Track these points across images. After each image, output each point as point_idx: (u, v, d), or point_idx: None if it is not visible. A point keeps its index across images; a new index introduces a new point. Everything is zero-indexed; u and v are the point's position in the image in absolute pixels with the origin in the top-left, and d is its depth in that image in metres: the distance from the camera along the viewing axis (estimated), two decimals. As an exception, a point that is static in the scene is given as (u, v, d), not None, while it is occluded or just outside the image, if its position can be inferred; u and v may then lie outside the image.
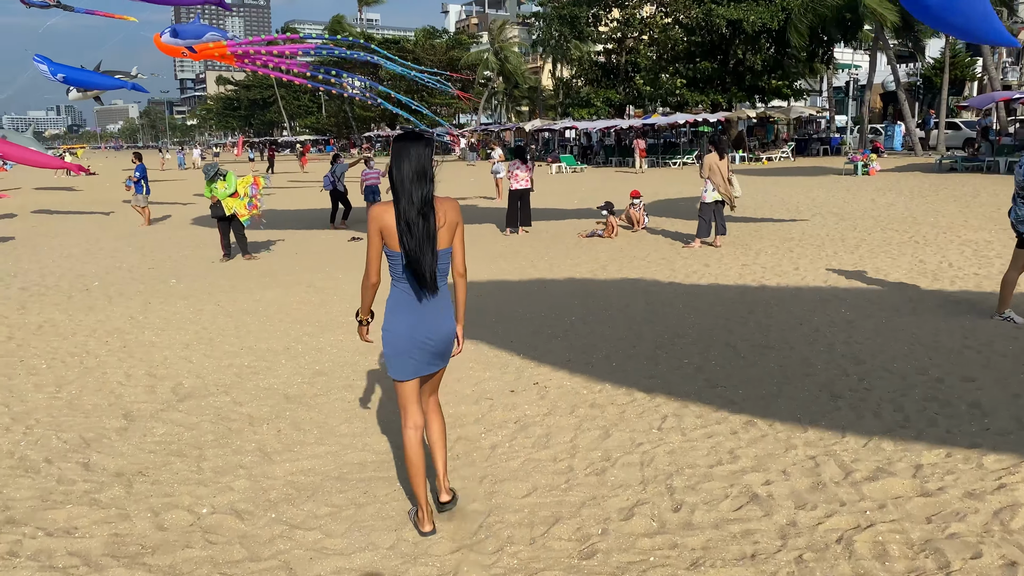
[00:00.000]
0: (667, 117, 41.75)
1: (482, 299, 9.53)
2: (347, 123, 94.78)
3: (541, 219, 17.77)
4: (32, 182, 40.37)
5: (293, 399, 6.03)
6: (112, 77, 26.13)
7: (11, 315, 9.51)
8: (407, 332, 3.76)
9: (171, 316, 9.19)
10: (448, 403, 5.84)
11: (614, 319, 8.30)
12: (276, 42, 17.19)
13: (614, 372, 6.45)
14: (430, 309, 3.77)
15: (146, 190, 19.97)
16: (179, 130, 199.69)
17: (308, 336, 7.99)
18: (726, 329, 7.69)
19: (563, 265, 11.80)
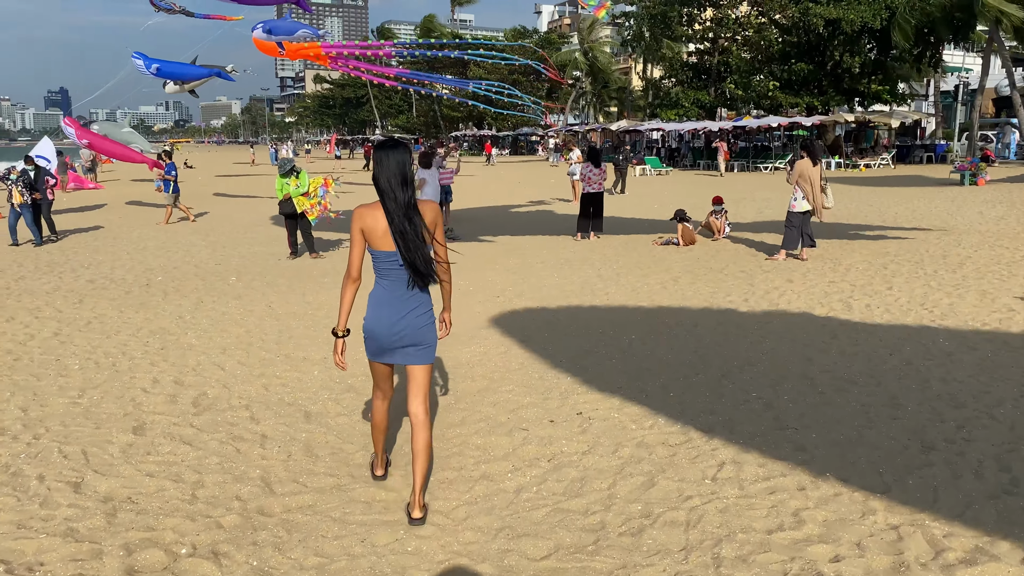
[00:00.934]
0: (759, 120, 40.15)
1: (537, 311, 8.92)
2: (435, 122, 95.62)
3: (616, 224, 17.02)
4: (132, 174, 41.85)
5: (313, 418, 5.56)
6: (202, 67, 26.65)
7: (67, 309, 9.44)
8: (386, 324, 3.98)
9: (219, 317, 8.93)
10: (479, 432, 5.27)
11: (678, 340, 7.56)
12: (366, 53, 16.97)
13: (670, 404, 5.75)
14: (408, 304, 3.98)
15: (173, 189, 19.97)
16: (278, 127, 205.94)
17: (349, 345, 7.53)
18: (804, 357, 6.85)
19: (631, 275, 11.07)
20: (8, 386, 6.37)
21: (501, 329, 8.09)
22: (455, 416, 5.57)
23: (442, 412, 5.66)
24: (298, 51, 17.99)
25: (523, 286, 10.47)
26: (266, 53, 19.13)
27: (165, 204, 20.21)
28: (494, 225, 18.36)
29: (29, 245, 15.78)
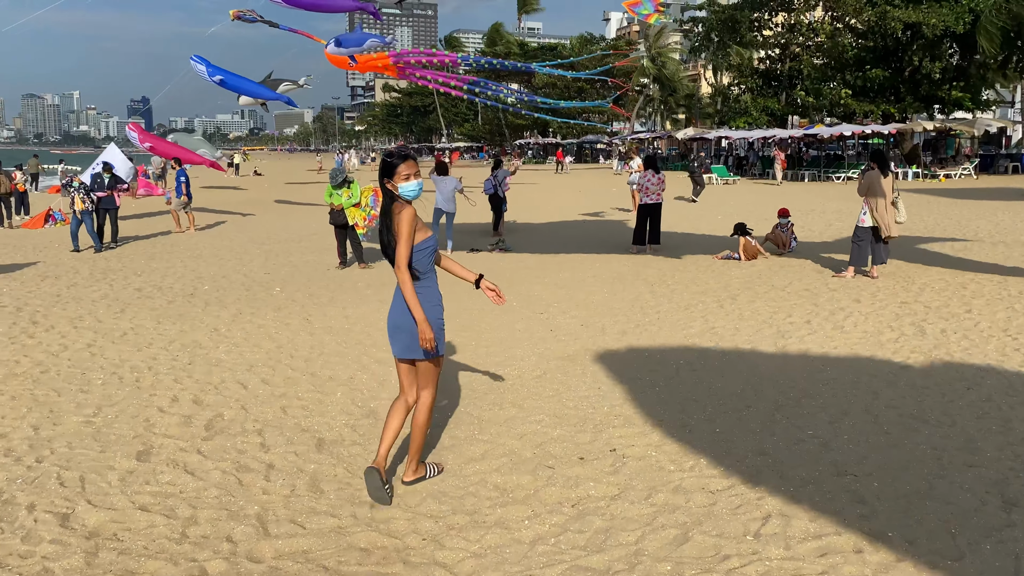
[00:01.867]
0: (831, 128, 38.74)
1: (580, 330, 8.43)
2: (500, 130, 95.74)
3: (675, 237, 16.40)
4: (202, 180, 42.77)
5: (326, 447, 5.20)
6: (265, 87, 26.98)
7: (107, 319, 9.36)
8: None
9: (254, 330, 8.71)
10: (500, 469, 4.83)
11: (730, 366, 6.99)
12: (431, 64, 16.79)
13: (715, 442, 5.21)
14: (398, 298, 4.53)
15: (186, 195, 19.97)
16: (348, 135, 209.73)
17: (378, 364, 7.20)
18: (869, 390, 6.22)
19: (686, 292, 10.48)
20: (28, 402, 6.20)
21: (539, 350, 7.64)
22: (477, 449, 5.15)
23: (463, 444, 5.24)
24: (368, 63, 17.91)
25: (570, 302, 10.00)
26: (338, 66, 19.17)
27: (177, 210, 20.25)
28: (548, 236, 17.92)
29: (90, 251, 16.00)
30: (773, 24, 45.98)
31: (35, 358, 7.58)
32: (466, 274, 4.87)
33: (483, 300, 10.17)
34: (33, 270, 13.60)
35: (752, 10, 45.32)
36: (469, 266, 12.06)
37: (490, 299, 4.81)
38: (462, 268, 4.88)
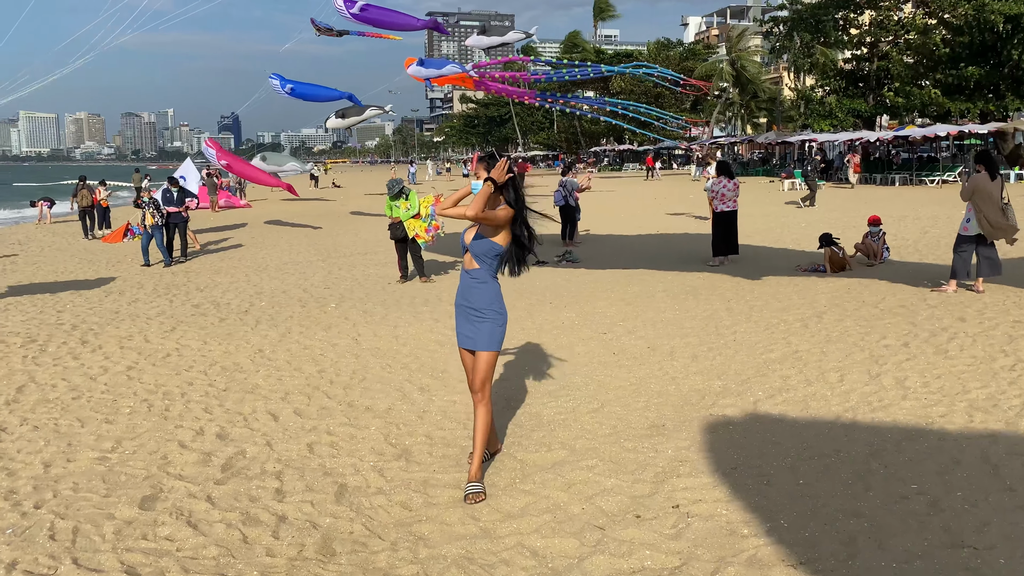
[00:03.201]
0: (923, 129, 36.61)
1: (646, 353, 7.67)
2: (576, 138, 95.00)
3: (756, 248, 15.39)
4: (283, 193, 43.33)
5: (347, 495, 4.60)
6: (332, 89, 27.05)
7: (155, 339, 9.07)
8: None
9: (299, 351, 8.25)
10: (541, 529, 4.14)
11: (817, 399, 6.12)
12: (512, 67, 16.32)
13: (798, 497, 4.40)
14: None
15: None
16: (426, 146, 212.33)
17: (420, 392, 6.61)
18: (985, 431, 5.28)
19: (767, 310, 9.58)
20: (49, 433, 5.84)
21: (599, 378, 6.92)
22: (516, 503, 4.47)
23: (501, 495, 4.57)
24: (445, 77, 17.57)
25: (636, 320, 9.23)
26: (417, 79, 18.91)
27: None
28: (619, 247, 17.13)
29: (160, 266, 16.03)
30: (859, 22, 43.92)
31: (72, 382, 7.28)
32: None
33: (543, 319, 9.56)
34: (101, 286, 13.60)
35: (837, 8, 43.40)
36: (535, 280, 11.45)
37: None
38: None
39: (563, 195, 16.78)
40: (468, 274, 4.75)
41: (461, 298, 4.80)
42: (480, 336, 4.71)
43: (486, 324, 4.72)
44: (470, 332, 4.75)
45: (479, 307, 4.71)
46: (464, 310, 4.77)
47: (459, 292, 4.82)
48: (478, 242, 4.66)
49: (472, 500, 4.46)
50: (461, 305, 4.80)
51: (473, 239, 4.67)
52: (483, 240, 4.65)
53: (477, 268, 4.70)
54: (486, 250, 4.67)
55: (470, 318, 4.74)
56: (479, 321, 4.71)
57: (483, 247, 4.66)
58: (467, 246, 4.72)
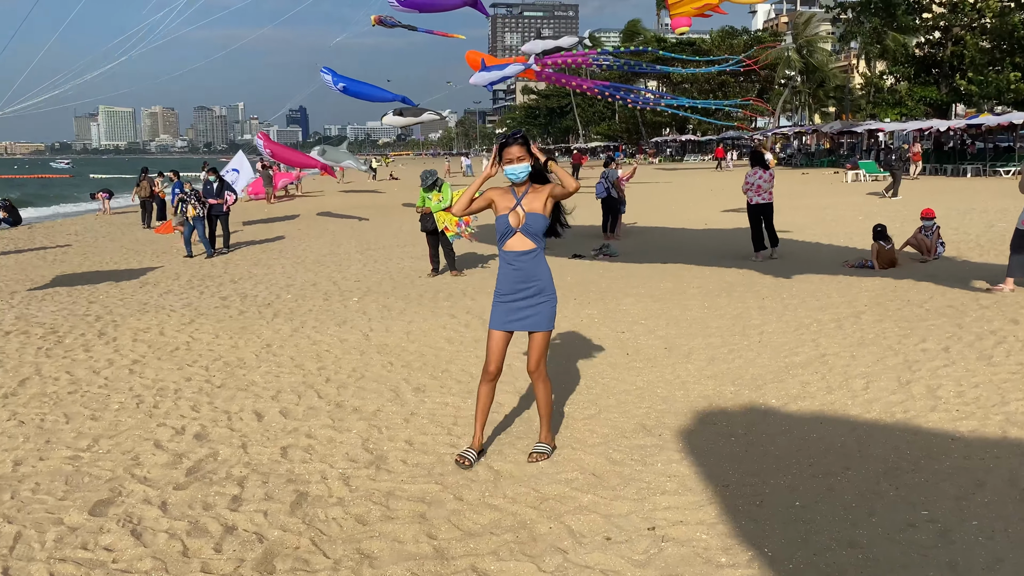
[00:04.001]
0: (999, 117, 34.78)
1: (660, 354, 7.23)
2: (637, 129, 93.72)
3: (804, 242, 14.71)
4: (340, 185, 43.78)
5: (303, 506, 4.33)
6: (384, 90, 27.08)
7: (170, 332, 9.01)
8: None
9: (307, 347, 8.06)
10: (499, 550, 3.81)
11: (834, 409, 5.63)
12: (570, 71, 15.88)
13: (790, 521, 3.96)
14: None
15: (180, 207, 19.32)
16: (488, 138, 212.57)
17: (414, 392, 6.33)
18: (1018, 450, 4.73)
19: (802, 308, 9.01)
20: (32, 429, 5.74)
21: (604, 381, 6.53)
22: (480, 519, 4.13)
23: (466, 511, 4.24)
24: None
25: (660, 318, 8.78)
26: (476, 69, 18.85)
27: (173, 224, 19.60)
28: (662, 240, 16.59)
29: (202, 257, 16.17)
30: (932, 6, 41.99)
31: (75, 375, 7.22)
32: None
33: (562, 316, 9.14)
34: (140, 276, 13.74)
35: (909, -9, 41.62)
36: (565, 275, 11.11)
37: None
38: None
39: (605, 187, 16.34)
40: (522, 256, 4.66)
41: (516, 283, 4.68)
42: (542, 316, 4.73)
43: (547, 304, 4.74)
44: (528, 313, 4.70)
45: (542, 287, 4.72)
46: (519, 293, 4.68)
47: (512, 279, 4.69)
48: (536, 218, 4.65)
49: (535, 459, 4.78)
50: (517, 289, 4.69)
51: (528, 217, 4.63)
52: (539, 216, 4.66)
53: (533, 248, 4.68)
54: (542, 226, 4.69)
55: (529, 301, 4.69)
56: (540, 302, 4.71)
57: (540, 223, 4.67)
58: (516, 228, 4.64)
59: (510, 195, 4.75)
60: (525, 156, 4.66)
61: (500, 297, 4.77)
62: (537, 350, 4.78)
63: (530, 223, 4.64)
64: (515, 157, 4.65)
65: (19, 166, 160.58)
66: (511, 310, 4.72)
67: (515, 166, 4.65)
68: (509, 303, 4.72)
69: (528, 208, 4.67)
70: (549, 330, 4.79)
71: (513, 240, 4.68)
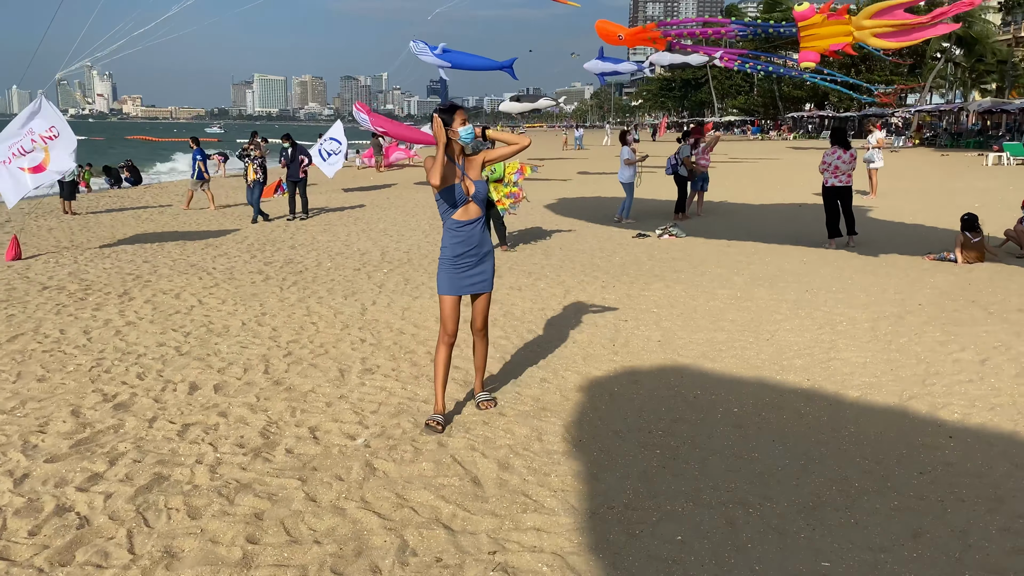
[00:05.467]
0: None
1: (652, 347, 6.54)
2: (775, 103, 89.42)
3: (899, 225, 13.31)
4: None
5: (152, 495, 4.04)
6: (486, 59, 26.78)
7: (187, 294, 9.04)
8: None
9: (298, 318, 7.86)
10: (306, 565, 3.39)
11: (802, 421, 4.84)
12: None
13: (657, 560, 3.33)
14: None
15: (198, 175, 19.24)
16: (623, 110, 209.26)
17: (360, 375, 5.96)
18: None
19: (844, 304, 8.01)
20: (-20, 385, 5.80)
21: (565, 374, 5.93)
22: (318, 524, 3.71)
23: (307, 515, 3.83)
24: (637, 37, 16.81)
25: (677, 307, 8.03)
26: (607, 40, 18.32)
27: (191, 188, 19.77)
28: (741, 220, 15.49)
29: (279, 221, 16.46)
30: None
31: (67, 333, 7.31)
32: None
33: (576, 298, 8.53)
34: (212, 238, 14.09)
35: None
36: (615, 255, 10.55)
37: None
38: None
39: (673, 163, 15.39)
40: (473, 223, 4.83)
41: (468, 246, 4.83)
42: (488, 279, 4.97)
43: (490, 266, 4.97)
44: (480, 277, 4.91)
45: (488, 251, 4.95)
46: (470, 258, 4.84)
47: (462, 243, 4.82)
48: (480, 184, 4.82)
49: (486, 406, 5.15)
50: (467, 255, 4.83)
51: (476, 184, 4.79)
52: (482, 183, 4.84)
53: (480, 215, 4.85)
54: (486, 192, 4.90)
55: (478, 266, 4.88)
56: (486, 264, 4.93)
57: (484, 189, 4.86)
58: (469, 196, 4.77)
59: (452, 165, 4.79)
60: (467, 119, 4.76)
61: (450, 263, 4.86)
62: (483, 310, 5.05)
63: (479, 190, 4.81)
64: (465, 119, 4.74)
65: (178, 130, 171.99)
66: (461, 276, 4.86)
67: (468, 127, 4.71)
68: (460, 271, 4.85)
69: (472, 176, 4.81)
70: (492, 289, 5.08)
71: (463, 209, 4.79)
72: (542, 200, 19.60)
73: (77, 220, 17.14)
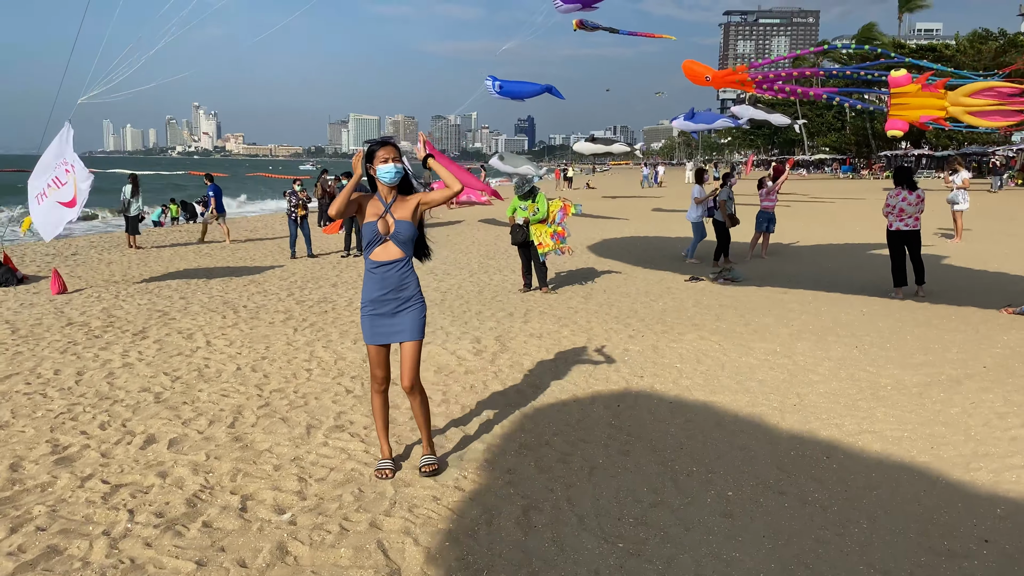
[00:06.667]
0: None
1: (651, 415, 5.83)
2: (867, 141, 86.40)
3: (983, 276, 12.13)
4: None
5: (26, 574, 3.63)
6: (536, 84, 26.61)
7: (200, 333, 8.80)
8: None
9: (297, 363, 7.46)
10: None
11: (864, 548, 4.07)
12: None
13: None
14: None
15: (217, 207, 20.02)
16: (711, 148, 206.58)
17: (328, 432, 5.46)
18: None
19: (894, 364, 7.09)
20: (-60, 430, 5.56)
21: (513, 431, 5.30)
22: None
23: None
24: (725, 79, 16.43)
25: (705, 363, 7.27)
26: (694, 81, 18.01)
27: (206, 222, 21.04)
28: (809, 264, 14.48)
29: (334, 257, 16.36)
30: None
31: (61, 374, 7.10)
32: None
33: (598, 348, 7.88)
34: (258, 273, 14.05)
35: None
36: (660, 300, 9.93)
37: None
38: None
39: (711, 206, 14.49)
40: (389, 265, 4.49)
41: (382, 291, 4.50)
42: (413, 326, 4.56)
43: (414, 312, 4.58)
44: (400, 325, 4.54)
45: (409, 295, 4.57)
46: (387, 303, 4.52)
47: (377, 289, 4.51)
48: (405, 225, 4.49)
49: (428, 470, 4.64)
50: (383, 299, 4.51)
51: (397, 224, 4.47)
52: (407, 223, 4.50)
53: (402, 256, 4.53)
54: (411, 234, 4.53)
55: (397, 311, 4.53)
56: (407, 311, 4.56)
57: (409, 231, 4.51)
58: (385, 235, 4.46)
59: (378, 202, 4.56)
60: (397, 158, 4.49)
61: (366, 308, 4.56)
62: (409, 362, 4.56)
63: (400, 231, 4.47)
64: (389, 157, 4.47)
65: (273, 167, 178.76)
66: (379, 323, 4.54)
67: (388, 166, 4.45)
68: (377, 315, 4.53)
69: (398, 216, 4.50)
70: (421, 338, 4.60)
71: (381, 249, 4.49)
72: (598, 239, 18.97)
73: (139, 254, 17.44)
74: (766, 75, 14.03)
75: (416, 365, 4.57)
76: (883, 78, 11.05)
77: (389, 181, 4.47)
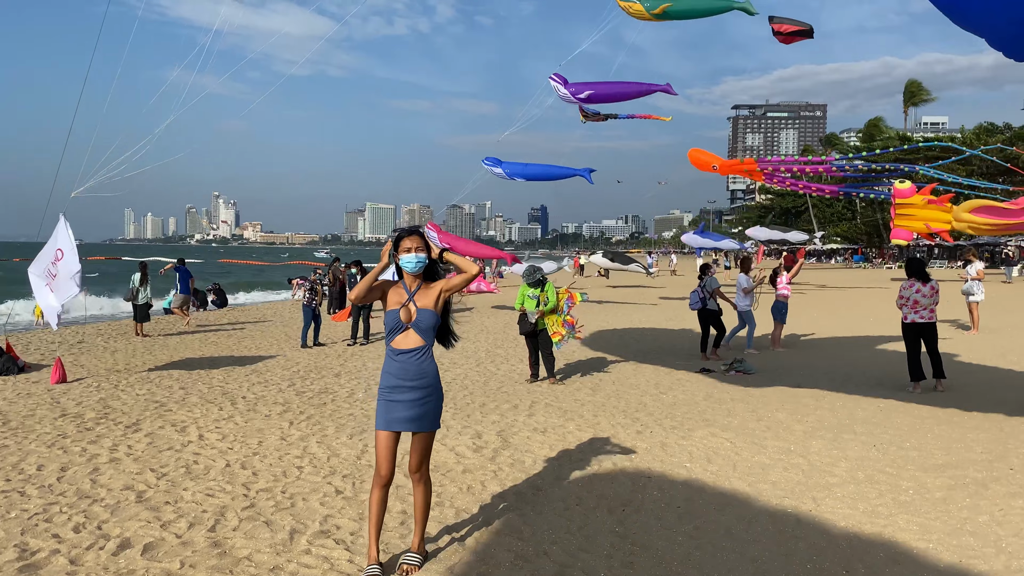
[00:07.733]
0: None
1: (651, 521, 5.49)
2: (879, 231, 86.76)
3: (993, 372, 11.77)
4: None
5: None
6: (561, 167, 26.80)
7: (193, 427, 8.55)
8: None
9: (288, 460, 7.18)
10: None
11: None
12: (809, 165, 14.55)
13: None
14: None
15: (181, 290, 20.94)
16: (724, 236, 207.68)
17: (312, 538, 5.13)
18: None
19: (915, 464, 6.73)
20: (-94, 532, 5.29)
21: (554, 570, 4.96)
22: None
23: None
24: (732, 167, 16.60)
25: (713, 463, 6.92)
26: (700, 169, 18.24)
27: (176, 306, 21.54)
28: (824, 357, 14.14)
29: (339, 346, 16.20)
30: None
31: (44, 470, 6.85)
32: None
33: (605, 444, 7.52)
34: (262, 361, 13.86)
35: None
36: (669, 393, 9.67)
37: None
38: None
39: (700, 297, 14.17)
40: (410, 353, 4.50)
41: (403, 378, 4.49)
42: (428, 416, 4.55)
43: (431, 403, 4.57)
44: (415, 414, 4.50)
45: (428, 385, 4.55)
46: (405, 391, 4.49)
47: (397, 376, 4.51)
48: (427, 314, 4.53)
49: (405, 571, 4.49)
50: (401, 387, 4.49)
51: (419, 312, 4.52)
52: (430, 312, 4.55)
53: (423, 344, 4.54)
54: (433, 322, 4.56)
55: (415, 400, 4.49)
56: (425, 402, 4.53)
57: (431, 319, 4.55)
58: (407, 323, 4.51)
59: (401, 289, 4.63)
60: (421, 247, 4.58)
61: (385, 394, 4.55)
62: (419, 451, 4.58)
63: (421, 319, 4.52)
64: (412, 247, 4.56)
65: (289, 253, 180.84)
66: (396, 409, 4.49)
67: (411, 255, 4.55)
68: (395, 401, 4.50)
69: (420, 304, 4.56)
70: (435, 429, 4.62)
71: (403, 336, 4.52)
72: (608, 327, 18.74)
73: (145, 342, 17.31)
74: (776, 167, 14.13)
75: (425, 454, 4.58)
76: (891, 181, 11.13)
77: (411, 270, 4.55)
